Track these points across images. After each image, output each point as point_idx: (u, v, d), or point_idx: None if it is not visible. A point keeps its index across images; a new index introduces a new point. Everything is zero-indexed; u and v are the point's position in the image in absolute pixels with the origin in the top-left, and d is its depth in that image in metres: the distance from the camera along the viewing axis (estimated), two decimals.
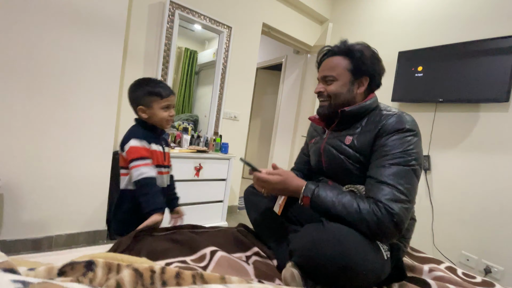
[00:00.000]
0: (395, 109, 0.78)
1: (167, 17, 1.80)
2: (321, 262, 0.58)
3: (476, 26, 1.71)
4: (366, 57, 0.79)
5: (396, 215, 0.61)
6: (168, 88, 1.01)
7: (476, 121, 1.68)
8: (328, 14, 2.77)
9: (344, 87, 0.81)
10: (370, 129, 0.75)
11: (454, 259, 1.70)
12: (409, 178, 0.66)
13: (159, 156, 1.02)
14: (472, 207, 1.66)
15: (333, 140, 0.84)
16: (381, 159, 0.69)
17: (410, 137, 0.69)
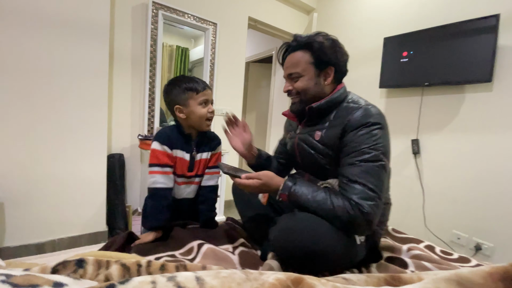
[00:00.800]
0: (363, 101, 0.81)
1: (151, 18, 1.81)
2: (293, 249, 0.62)
3: (458, 8, 1.71)
4: (326, 47, 0.79)
5: (368, 214, 0.65)
6: (203, 82, 0.95)
7: (461, 103, 1.70)
8: (314, 3, 2.75)
9: (310, 81, 0.81)
10: (337, 123, 0.77)
11: (446, 238, 1.75)
12: (378, 175, 0.69)
13: (183, 164, 0.94)
14: (461, 187, 1.70)
15: (305, 135, 0.86)
16: (351, 156, 0.72)
17: (377, 130, 0.72)
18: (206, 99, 0.93)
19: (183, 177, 0.96)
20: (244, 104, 3.98)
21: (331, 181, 0.78)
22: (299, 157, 0.89)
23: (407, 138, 1.95)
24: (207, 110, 0.93)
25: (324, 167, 0.81)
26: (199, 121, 0.93)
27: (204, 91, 0.93)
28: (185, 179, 0.97)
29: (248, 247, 0.87)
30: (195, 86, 0.92)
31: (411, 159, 1.93)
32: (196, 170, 0.99)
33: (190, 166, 0.96)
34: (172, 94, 0.92)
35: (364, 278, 0.57)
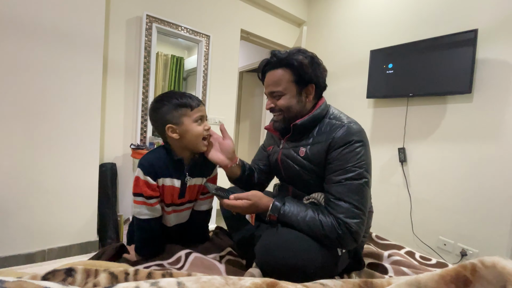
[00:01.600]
0: (344, 117, 0.83)
1: (145, 31, 1.86)
2: (273, 264, 0.65)
3: (441, 22, 1.80)
4: (306, 65, 0.80)
5: (355, 232, 0.70)
6: (196, 97, 0.85)
7: (444, 113, 1.78)
8: (304, 16, 2.85)
9: (293, 99, 0.82)
10: (321, 140, 0.79)
11: (433, 244, 1.79)
12: (363, 192, 0.73)
13: (173, 192, 0.85)
14: (446, 194, 1.76)
15: (288, 150, 0.87)
16: (336, 173, 0.75)
17: (359, 148, 0.75)
18: (201, 115, 0.84)
19: (172, 205, 0.88)
20: (238, 113, 4.04)
21: (316, 196, 0.81)
22: (283, 172, 0.91)
23: (394, 147, 2.01)
24: (203, 128, 0.83)
25: (308, 181, 0.83)
26: (195, 141, 0.83)
27: (199, 107, 0.84)
28: (175, 207, 0.89)
29: (234, 256, 0.89)
30: (189, 101, 0.82)
31: (398, 167, 1.99)
32: (188, 197, 0.90)
33: (181, 193, 0.87)
34: (162, 111, 0.81)
35: (340, 283, 0.60)
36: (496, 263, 0.39)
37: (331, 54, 2.56)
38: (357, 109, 2.25)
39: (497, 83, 1.57)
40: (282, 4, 2.62)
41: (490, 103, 1.59)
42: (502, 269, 0.38)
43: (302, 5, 2.81)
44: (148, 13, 1.86)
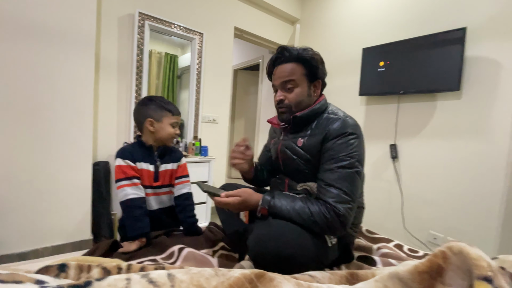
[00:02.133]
0: (341, 113, 0.87)
1: (137, 28, 1.85)
2: (265, 255, 0.66)
3: (430, 21, 1.83)
4: (318, 61, 0.85)
5: (342, 216, 0.71)
6: (177, 108, 1.07)
7: (434, 110, 1.81)
8: (298, 14, 2.86)
9: (304, 93, 0.86)
10: (318, 132, 0.83)
11: (423, 238, 1.84)
12: (353, 180, 0.76)
13: (149, 175, 1.00)
14: (436, 189, 1.80)
15: (288, 142, 0.91)
16: (329, 162, 0.78)
17: (353, 140, 0.78)
18: (176, 122, 1.06)
19: (150, 188, 1.01)
20: (233, 110, 4.04)
21: (310, 184, 0.84)
22: (282, 162, 0.94)
23: (385, 143, 2.05)
24: (175, 132, 1.06)
25: (304, 171, 0.86)
26: (167, 138, 1.04)
27: (178, 116, 1.07)
28: (152, 190, 1.02)
29: (227, 250, 0.91)
30: (172, 109, 1.05)
31: (389, 164, 2.03)
32: (162, 181, 1.05)
33: (155, 177, 1.03)
34: (149, 108, 1.01)
35: (328, 275, 0.62)
36: (462, 249, 0.42)
37: (324, 52, 2.52)
38: (350, 106, 2.28)
39: (485, 80, 1.61)
40: (276, 2, 2.63)
41: (478, 100, 1.63)
42: (467, 255, 0.40)
43: (295, 3, 2.83)
44: (140, 11, 1.85)
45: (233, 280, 0.44)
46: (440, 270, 0.45)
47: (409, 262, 0.50)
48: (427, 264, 0.44)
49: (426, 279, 0.44)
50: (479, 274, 0.40)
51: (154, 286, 0.41)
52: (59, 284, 0.41)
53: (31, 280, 0.40)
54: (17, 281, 0.39)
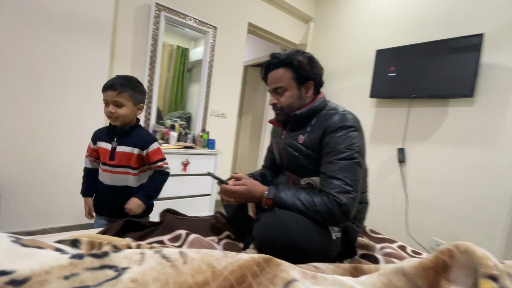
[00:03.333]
0: (340, 108, 0.89)
1: (153, 19, 1.87)
2: (270, 243, 0.68)
3: (447, 26, 1.81)
4: (305, 64, 0.87)
5: (344, 205, 0.72)
6: (109, 82, 1.01)
7: (445, 115, 1.79)
8: (312, 12, 2.85)
9: (294, 95, 0.90)
10: (318, 127, 0.85)
11: (426, 244, 1.83)
12: (354, 171, 0.77)
13: (105, 153, 1.08)
14: (442, 196, 1.78)
15: (289, 139, 0.94)
16: (330, 155, 0.80)
17: (352, 132, 0.80)
18: (105, 99, 1.02)
19: (106, 165, 1.08)
20: (241, 106, 4.05)
21: (314, 178, 0.86)
22: (285, 160, 0.97)
23: (393, 147, 2.04)
24: (106, 110, 1.02)
25: (306, 167, 0.88)
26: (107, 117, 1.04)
27: (105, 92, 1.01)
28: (107, 167, 1.08)
29: (232, 239, 0.92)
30: (105, 84, 1.02)
31: (396, 167, 2.02)
32: (118, 160, 1.07)
33: (111, 156, 1.07)
34: None
35: (332, 267, 0.63)
36: (468, 248, 0.42)
37: (336, 52, 2.57)
38: (359, 108, 2.27)
39: (500, 88, 1.58)
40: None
41: (492, 108, 1.61)
42: (473, 254, 0.41)
43: (310, 2, 2.81)
44: (157, 1, 1.87)
45: (241, 262, 0.46)
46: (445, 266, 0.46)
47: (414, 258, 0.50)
48: (432, 261, 0.45)
49: (431, 274, 0.44)
50: (484, 273, 0.40)
51: (167, 261, 0.42)
52: (79, 252, 0.43)
53: (51, 248, 0.42)
54: (39, 247, 0.41)
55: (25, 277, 0.34)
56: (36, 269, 0.36)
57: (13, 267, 0.35)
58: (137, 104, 1.08)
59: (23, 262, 0.36)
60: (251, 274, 0.45)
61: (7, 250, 0.37)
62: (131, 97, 1.03)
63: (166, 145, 1.91)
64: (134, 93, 1.05)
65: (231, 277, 0.43)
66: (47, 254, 0.39)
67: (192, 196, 1.98)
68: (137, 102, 1.07)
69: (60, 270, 0.37)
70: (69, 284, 0.36)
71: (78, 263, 0.39)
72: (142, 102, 1.11)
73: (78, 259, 0.39)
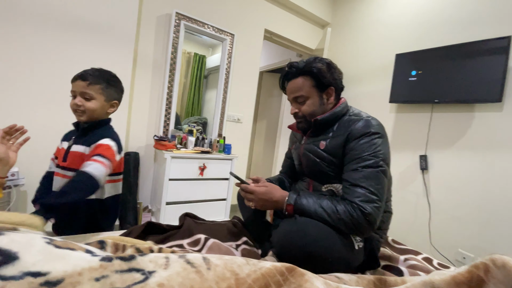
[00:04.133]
0: (364, 114, 0.86)
1: (173, 27, 1.94)
2: (291, 251, 0.67)
3: (471, 28, 1.74)
4: (324, 71, 0.86)
5: (369, 214, 0.70)
6: (80, 72, 0.90)
7: (471, 121, 1.71)
8: (329, 18, 2.84)
9: (315, 103, 0.88)
10: (340, 133, 0.83)
11: (451, 257, 1.73)
12: (379, 179, 0.74)
13: (59, 154, 0.94)
14: (468, 205, 1.69)
15: (310, 145, 0.91)
16: (353, 162, 0.77)
17: (377, 139, 0.77)
18: (73, 90, 0.91)
19: (58, 167, 0.92)
20: (256, 111, 4.07)
21: (335, 185, 0.84)
22: (305, 166, 0.95)
23: (415, 154, 1.96)
24: (72, 102, 0.90)
25: (328, 174, 0.86)
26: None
27: (74, 82, 0.90)
28: (59, 169, 0.92)
29: (250, 245, 0.92)
30: (75, 75, 0.91)
31: (418, 175, 1.94)
32: (69, 162, 0.90)
33: (64, 156, 0.91)
34: None
35: (355, 279, 0.61)
36: (506, 263, 0.39)
37: (354, 57, 2.53)
38: (378, 113, 2.22)
39: None
40: (307, 5, 2.63)
41: None
42: (511, 269, 0.38)
43: (327, 7, 2.81)
44: (177, 11, 1.94)
45: (264, 270, 0.45)
46: (480, 282, 0.43)
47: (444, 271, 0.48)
48: (466, 275, 0.42)
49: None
50: None
51: (192, 266, 0.43)
52: (108, 254, 0.44)
53: (82, 249, 0.44)
54: (71, 248, 0.42)
55: (58, 278, 0.36)
56: (68, 271, 0.37)
57: (48, 268, 0.36)
58: (110, 100, 0.95)
59: (57, 263, 0.38)
60: (275, 283, 0.44)
61: (42, 251, 0.39)
62: (103, 91, 0.92)
63: (184, 149, 1.95)
64: (108, 87, 0.93)
65: (255, 285, 0.43)
66: (78, 256, 0.41)
67: (208, 200, 1.99)
68: (110, 98, 0.95)
69: (91, 272, 0.38)
70: (100, 285, 0.37)
71: (108, 266, 0.40)
72: (117, 99, 0.99)
73: (107, 262, 0.40)
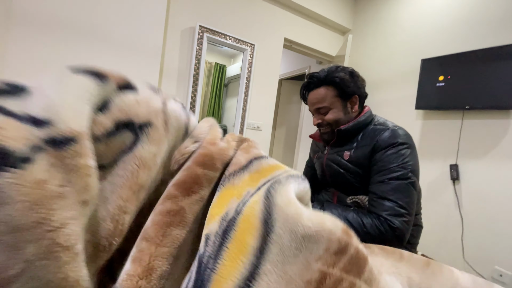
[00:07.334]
0: (390, 123, 0.84)
1: (197, 40, 2.01)
2: None
3: (501, 31, 1.65)
4: (347, 80, 0.84)
5: (398, 229, 0.67)
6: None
7: (507, 129, 1.61)
8: (350, 24, 2.81)
9: (340, 112, 0.86)
10: (366, 144, 0.81)
11: (486, 274, 1.61)
12: (408, 192, 0.71)
13: None
14: (505, 219, 1.57)
15: (333, 155, 0.90)
16: (380, 174, 0.75)
17: (404, 150, 0.74)
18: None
19: None
20: (275, 118, 4.08)
21: (361, 197, 0.81)
22: (328, 176, 0.93)
23: (444, 163, 1.87)
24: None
25: (353, 185, 0.84)
26: None
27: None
28: None
29: None
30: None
31: (449, 185, 1.84)
32: None
33: None
34: None
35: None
36: None
37: (377, 63, 2.48)
38: (404, 120, 2.14)
39: None
40: (327, 12, 2.62)
41: None
42: None
43: (347, 13, 2.78)
44: (201, 24, 2.01)
45: None
46: None
47: None
48: None
49: None
50: None
51: None
52: None
53: None
54: None
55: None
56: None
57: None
58: None
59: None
60: None
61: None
62: None
63: None
64: None
65: None
66: None
67: None
68: None
69: None
70: None
71: None
72: None
73: None
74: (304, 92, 0.93)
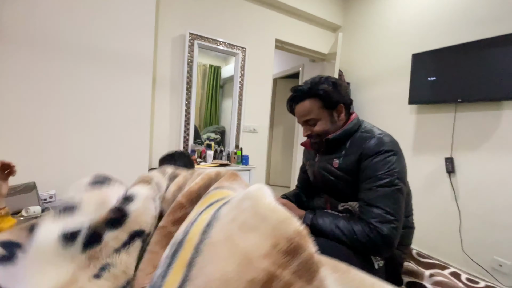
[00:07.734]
0: (376, 130, 0.85)
1: (188, 47, 2.03)
2: None
3: (492, 22, 1.65)
4: (331, 91, 0.85)
5: (386, 236, 0.69)
6: None
7: (499, 120, 1.61)
8: (340, 21, 2.81)
9: (327, 123, 0.88)
10: (353, 151, 0.83)
11: (486, 264, 1.63)
12: (395, 199, 0.73)
13: None
14: (502, 209, 1.59)
15: (324, 163, 0.92)
16: (368, 181, 0.77)
17: (391, 157, 0.76)
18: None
19: None
20: (272, 118, 4.09)
21: (352, 204, 0.83)
22: (320, 183, 0.96)
23: (440, 156, 1.88)
24: None
25: (344, 191, 0.86)
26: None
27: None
28: None
29: None
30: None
31: (445, 178, 1.85)
32: None
33: None
34: None
35: None
36: None
37: (368, 59, 2.48)
38: (398, 115, 2.15)
39: None
40: (317, 10, 2.63)
41: None
42: None
43: (337, 10, 2.78)
44: (190, 31, 2.03)
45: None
46: None
47: None
48: None
49: None
50: None
51: None
52: None
53: None
54: None
55: None
56: None
57: None
58: None
59: None
60: None
61: None
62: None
63: (204, 163, 2.02)
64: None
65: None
66: None
67: None
68: None
69: None
70: None
71: None
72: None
73: None
74: (291, 104, 0.94)
